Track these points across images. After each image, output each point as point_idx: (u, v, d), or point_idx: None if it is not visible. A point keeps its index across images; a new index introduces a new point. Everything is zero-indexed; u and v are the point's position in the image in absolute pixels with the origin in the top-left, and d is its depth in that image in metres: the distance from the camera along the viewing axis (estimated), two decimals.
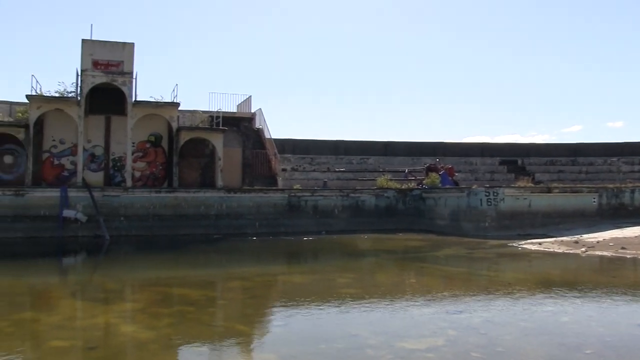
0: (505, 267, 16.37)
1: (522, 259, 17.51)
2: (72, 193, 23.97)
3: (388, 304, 10.51)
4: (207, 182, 28.50)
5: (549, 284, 12.78)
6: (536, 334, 8.05)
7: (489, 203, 24.12)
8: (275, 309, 10.59)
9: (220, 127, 27.86)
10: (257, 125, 31.40)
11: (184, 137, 27.46)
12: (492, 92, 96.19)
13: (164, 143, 28.49)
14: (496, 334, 8.02)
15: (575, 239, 20.44)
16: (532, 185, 28.94)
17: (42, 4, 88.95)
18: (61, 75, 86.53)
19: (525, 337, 7.87)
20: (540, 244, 19.85)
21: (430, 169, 31.70)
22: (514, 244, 20.16)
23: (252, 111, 31.32)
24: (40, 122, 26.10)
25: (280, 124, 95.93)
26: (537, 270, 15.72)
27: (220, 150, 27.72)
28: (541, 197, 25.07)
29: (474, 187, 25.71)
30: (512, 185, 28.69)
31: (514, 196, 24.69)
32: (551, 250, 18.50)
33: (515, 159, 39.47)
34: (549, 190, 25.81)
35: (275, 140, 31.56)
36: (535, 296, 11.21)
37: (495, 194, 24.20)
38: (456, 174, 32.70)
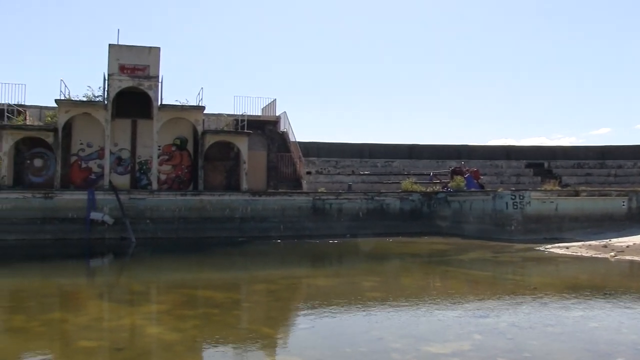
0: (531, 271, 16.18)
1: (548, 263, 17.28)
2: (99, 196, 24.32)
3: (413, 308, 10.45)
4: (232, 185, 28.67)
5: (577, 288, 12.58)
6: (564, 340, 7.93)
7: (515, 206, 23.85)
8: (300, 312, 10.60)
9: (245, 131, 28.01)
10: (282, 128, 31.50)
11: (209, 140, 27.67)
12: (517, 94, 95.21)
13: (190, 146, 28.74)
14: (523, 339, 7.92)
15: (604, 243, 20.08)
16: (559, 188, 28.51)
17: (71, 10, 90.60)
18: (89, 80, 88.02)
19: (553, 343, 7.74)
20: (567, 248, 19.54)
21: (455, 172, 31.44)
22: (540, 248, 19.90)
23: (277, 114, 31.43)
24: (68, 126, 26.54)
25: (304, 127, 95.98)
26: (565, 274, 15.50)
27: (245, 154, 27.87)
28: (568, 201, 24.71)
29: (499, 190, 25.46)
30: (539, 188, 28.33)
31: (541, 199, 24.38)
32: (579, 254, 18.21)
33: (541, 162, 38.95)
34: (577, 194, 25.42)
35: (300, 143, 31.63)
36: (562, 301, 11.03)
37: (521, 197, 23.92)
38: (481, 177, 32.40)
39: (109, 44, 26.07)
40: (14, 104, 26.43)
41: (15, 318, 9.69)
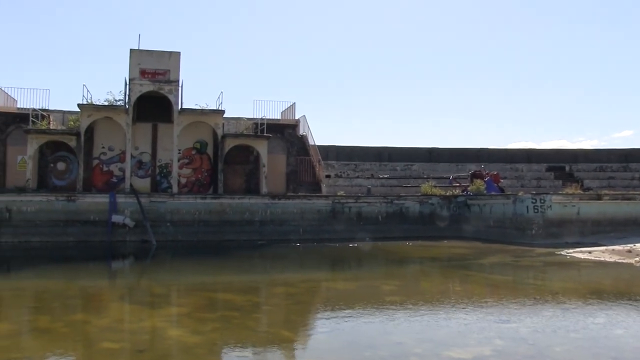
0: (553, 276, 15.98)
1: (571, 267, 17.06)
2: (121, 199, 24.57)
3: (433, 312, 10.39)
4: (252, 188, 28.79)
5: (601, 294, 12.41)
6: (588, 347, 7.82)
7: (536, 210, 23.60)
8: (319, 316, 10.59)
9: (265, 134, 28.11)
10: (301, 132, 31.55)
11: (229, 144, 27.83)
12: (537, 97, 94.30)
13: (209, 150, 28.93)
14: (545, 345, 7.82)
15: (628, 247, 19.73)
16: (581, 192, 28.14)
17: (93, 16, 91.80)
18: (111, 85, 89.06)
19: (577, 350, 7.64)
20: (590, 252, 19.27)
21: (475, 176, 31.23)
22: (562, 253, 19.65)
23: (296, 118, 31.51)
24: (90, 130, 26.91)
25: (324, 131, 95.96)
26: (588, 279, 15.28)
27: (264, 157, 27.98)
28: (590, 205, 24.37)
29: (520, 193, 25.19)
30: (560, 192, 27.98)
31: (562, 203, 24.09)
32: (602, 259, 17.94)
33: (562, 165, 38.48)
34: (599, 197, 25.07)
35: (319, 146, 31.65)
36: (586, 306, 10.89)
37: (542, 201, 23.67)
38: (501, 181, 32.12)
39: (130, 49, 26.40)
40: (39, 109, 26.87)
41: (41, 318, 9.87)
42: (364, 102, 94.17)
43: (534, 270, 16.92)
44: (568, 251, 19.80)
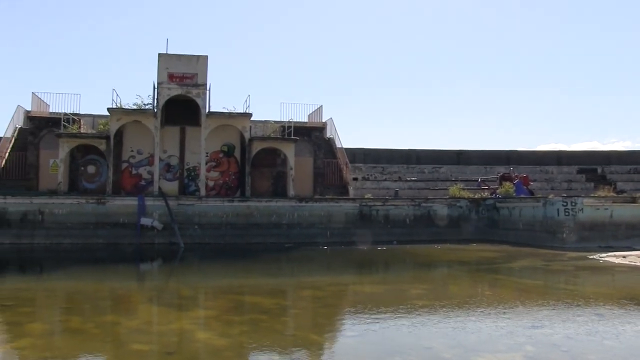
0: (585, 281, 15.62)
1: (604, 272, 16.68)
2: (149, 202, 24.83)
3: (462, 317, 10.23)
4: (279, 191, 28.84)
5: (637, 300, 12.08)
6: (625, 356, 7.57)
7: (567, 213, 23.18)
8: (347, 319, 10.52)
9: (292, 137, 28.14)
10: (328, 134, 31.55)
11: (256, 147, 27.93)
12: (567, 97, 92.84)
13: (237, 153, 29.08)
14: (579, 352, 7.64)
15: None
16: (614, 194, 27.61)
17: (123, 22, 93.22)
18: (139, 89, 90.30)
19: (613, 358, 7.42)
20: (624, 257, 18.81)
21: (504, 178, 30.85)
22: (594, 257, 19.24)
23: (323, 120, 31.51)
24: (120, 134, 27.27)
25: (351, 133, 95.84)
26: (622, 285, 14.89)
27: (291, 160, 28.01)
28: (624, 208, 23.87)
29: (550, 196, 24.79)
30: (592, 194, 27.46)
31: (594, 206, 23.63)
32: (637, 264, 17.50)
33: (594, 167, 37.69)
34: (634, 200, 24.57)
35: (346, 149, 31.57)
36: (621, 313, 10.60)
37: (573, 204, 23.24)
38: (531, 183, 31.66)
39: (159, 54, 26.69)
40: (70, 113, 27.33)
41: (73, 319, 10.00)
42: (391, 105, 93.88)
43: (566, 275, 16.58)
44: (601, 255, 19.38)
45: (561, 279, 15.98)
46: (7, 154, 27.39)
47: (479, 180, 33.11)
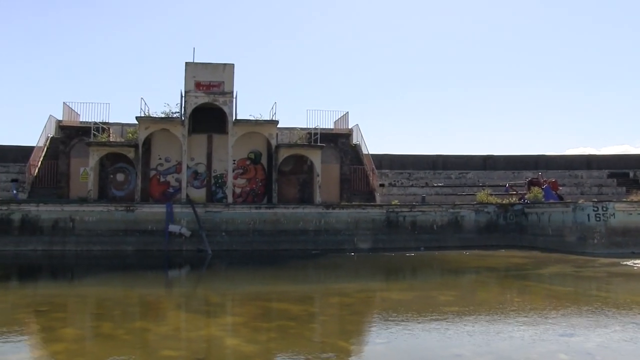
0: (618, 288, 15.26)
1: (638, 279, 16.30)
2: (177, 209, 25.04)
3: (492, 324, 10.10)
4: (306, 198, 28.88)
5: None
6: None
7: (598, 218, 22.75)
8: (375, 326, 10.46)
9: (318, 144, 28.18)
10: (355, 141, 31.53)
11: (283, 154, 28.04)
12: (596, 100, 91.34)
13: (264, 160, 29.21)
14: None
15: None
16: None
17: (150, 32, 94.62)
18: (167, 97, 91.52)
19: None
20: None
21: (532, 183, 30.40)
22: (627, 263, 18.83)
23: (350, 127, 31.51)
24: (148, 142, 27.62)
25: (377, 140, 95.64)
26: None
27: (318, 167, 28.04)
28: None
29: (580, 201, 24.35)
30: (624, 199, 26.90)
31: (627, 211, 23.14)
32: None
33: (626, 171, 36.88)
34: None
35: (373, 155, 31.51)
36: None
37: (604, 209, 22.81)
38: (560, 188, 31.13)
39: (186, 62, 27.04)
40: (99, 122, 27.83)
41: (104, 325, 10.13)
42: (417, 111, 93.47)
43: (598, 282, 16.23)
44: (635, 262, 18.96)
45: (593, 285, 15.66)
46: (39, 162, 28.02)
47: (507, 185, 32.70)
